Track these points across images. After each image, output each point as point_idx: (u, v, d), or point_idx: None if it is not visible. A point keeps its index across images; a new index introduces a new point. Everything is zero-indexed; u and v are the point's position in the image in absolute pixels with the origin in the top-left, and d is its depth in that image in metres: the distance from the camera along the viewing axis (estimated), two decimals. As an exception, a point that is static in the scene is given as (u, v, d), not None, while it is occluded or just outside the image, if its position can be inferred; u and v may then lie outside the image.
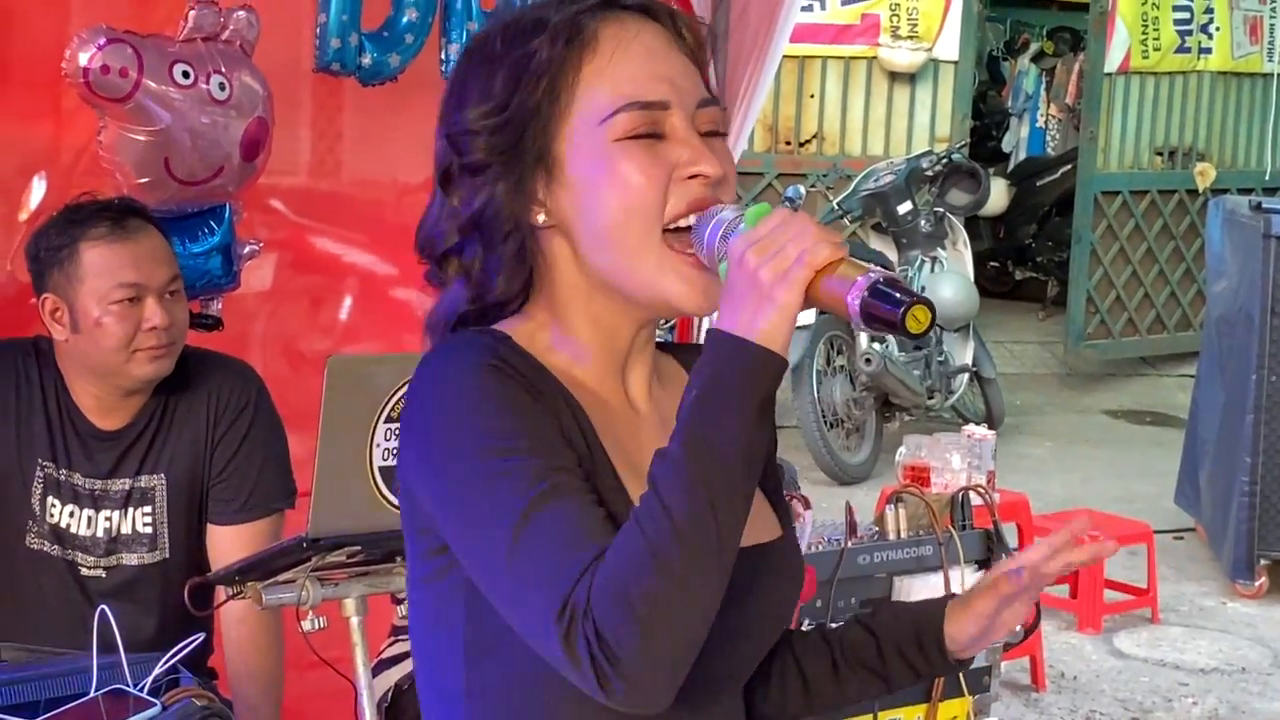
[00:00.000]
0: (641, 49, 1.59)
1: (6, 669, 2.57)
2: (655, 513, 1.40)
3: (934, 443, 5.04)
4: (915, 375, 8.45)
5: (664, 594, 1.39)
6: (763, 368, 1.42)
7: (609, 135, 1.56)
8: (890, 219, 9.04)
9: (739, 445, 1.41)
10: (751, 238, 1.45)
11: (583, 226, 1.58)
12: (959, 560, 3.16)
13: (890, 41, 11.11)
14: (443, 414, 1.51)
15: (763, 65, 4.72)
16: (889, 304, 1.41)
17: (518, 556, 1.44)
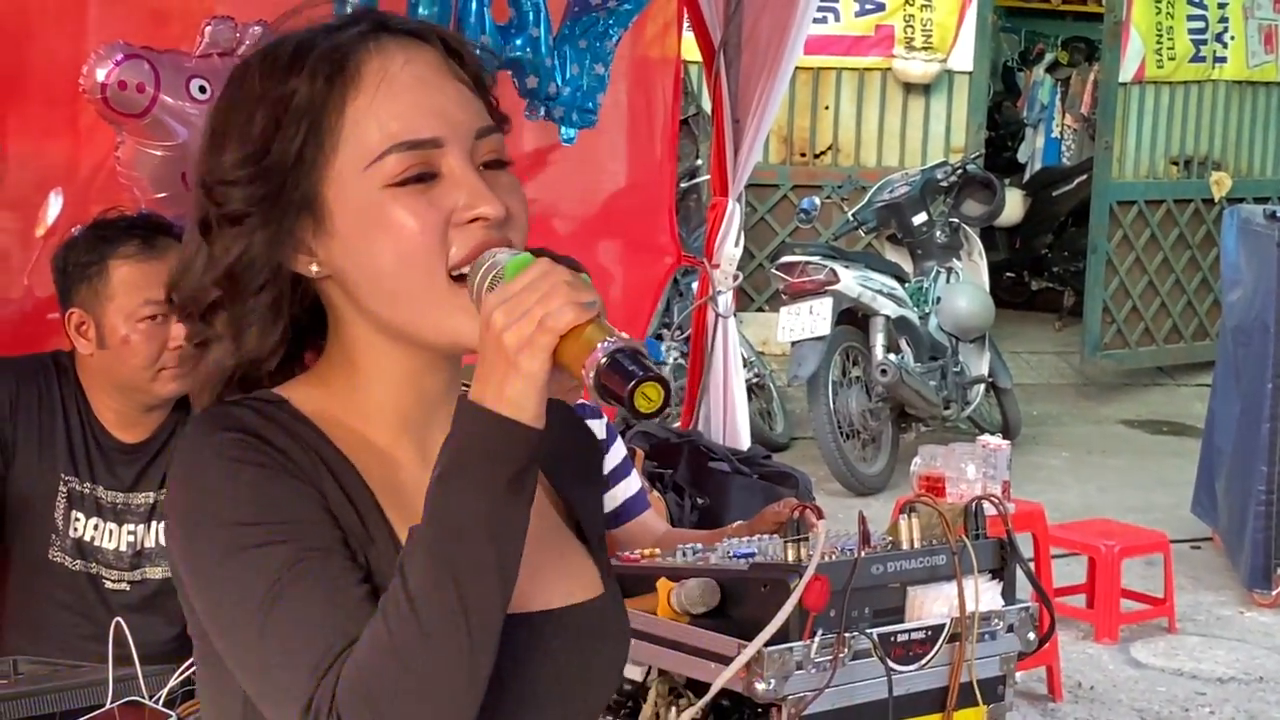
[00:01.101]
0: (409, 81, 1.47)
1: (24, 681, 2.58)
2: (400, 602, 1.33)
3: (949, 453, 5.05)
4: (931, 386, 8.44)
5: (410, 689, 1.32)
6: (509, 441, 1.34)
7: (378, 180, 1.45)
8: (905, 230, 9.03)
9: (487, 525, 1.33)
10: (502, 296, 1.36)
11: (358, 277, 1.47)
12: (973, 570, 3.15)
13: (905, 53, 11.12)
14: (190, 502, 1.43)
15: (775, 78, 4.74)
16: (621, 378, 1.32)
17: (263, 651, 1.38)
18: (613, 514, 3.94)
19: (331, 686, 1.33)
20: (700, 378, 4.94)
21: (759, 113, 4.78)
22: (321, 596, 1.37)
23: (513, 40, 4.13)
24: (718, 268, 4.88)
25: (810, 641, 2.94)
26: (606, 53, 4.32)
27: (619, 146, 4.91)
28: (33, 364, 3.14)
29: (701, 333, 4.96)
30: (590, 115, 4.33)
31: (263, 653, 1.38)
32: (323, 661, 1.35)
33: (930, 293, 8.79)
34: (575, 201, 5.01)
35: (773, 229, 10.99)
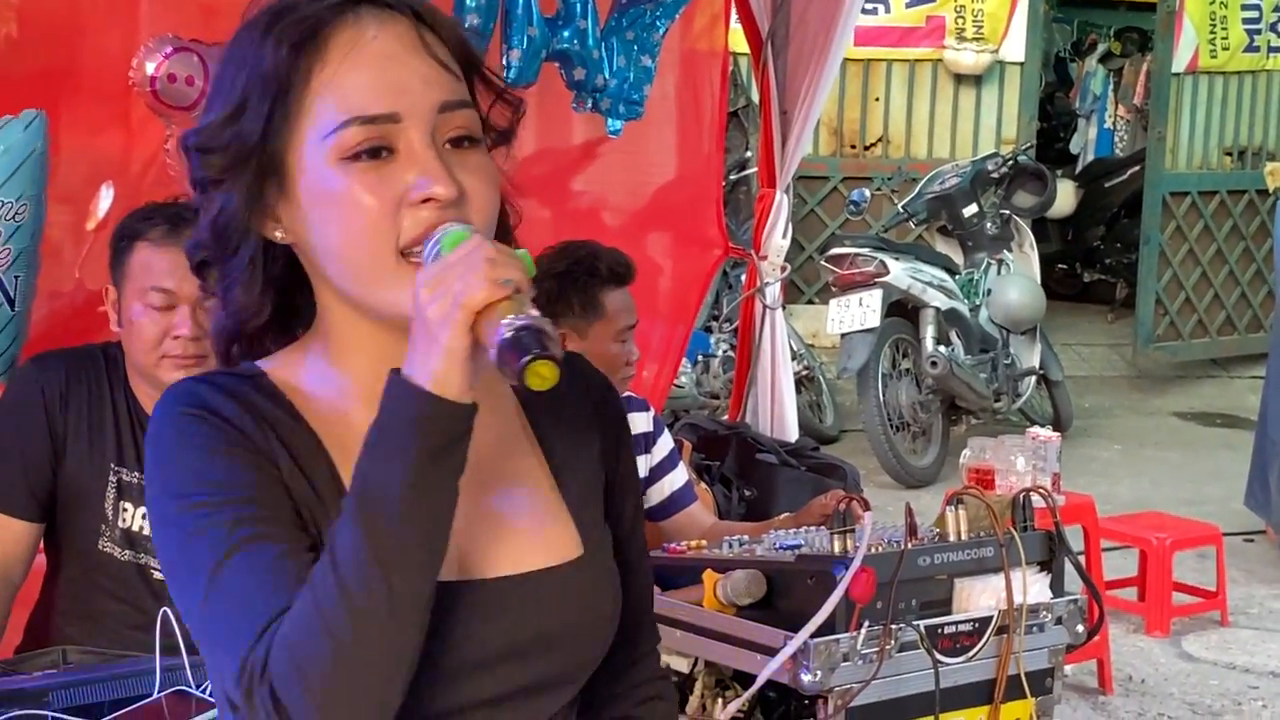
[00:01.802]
0: (374, 55, 1.47)
1: (72, 671, 2.61)
2: (325, 573, 1.35)
3: (998, 445, 5.02)
4: (982, 378, 8.39)
5: (334, 658, 1.34)
6: (432, 414, 1.35)
7: (334, 153, 1.46)
8: (956, 222, 8.98)
9: (410, 496, 1.34)
10: (430, 272, 1.38)
11: (315, 246, 1.50)
12: (1020, 562, 3.14)
13: (955, 43, 11.06)
14: (151, 476, 1.49)
15: (822, 70, 4.72)
16: (517, 354, 1.33)
17: (206, 613, 1.42)
18: (660, 506, 3.94)
19: (264, 653, 1.37)
20: (748, 370, 4.92)
21: (807, 104, 4.76)
22: (261, 566, 1.41)
23: (560, 32, 4.13)
24: (765, 260, 4.86)
25: (857, 633, 2.93)
26: (653, 44, 4.32)
27: (667, 139, 4.91)
28: (82, 355, 3.16)
29: (749, 325, 4.94)
30: (637, 107, 4.33)
31: (205, 621, 1.42)
32: (256, 629, 1.38)
33: (981, 284, 8.74)
34: (624, 194, 5.01)
35: (822, 221, 10.96)
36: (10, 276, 3.14)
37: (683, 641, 3.15)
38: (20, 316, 3.20)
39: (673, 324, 5.06)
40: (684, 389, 8.14)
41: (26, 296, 3.21)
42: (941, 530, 3.17)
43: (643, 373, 4.97)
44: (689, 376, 8.18)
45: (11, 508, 3.07)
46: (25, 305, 3.21)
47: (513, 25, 4.01)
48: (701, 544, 3.37)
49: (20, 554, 3.09)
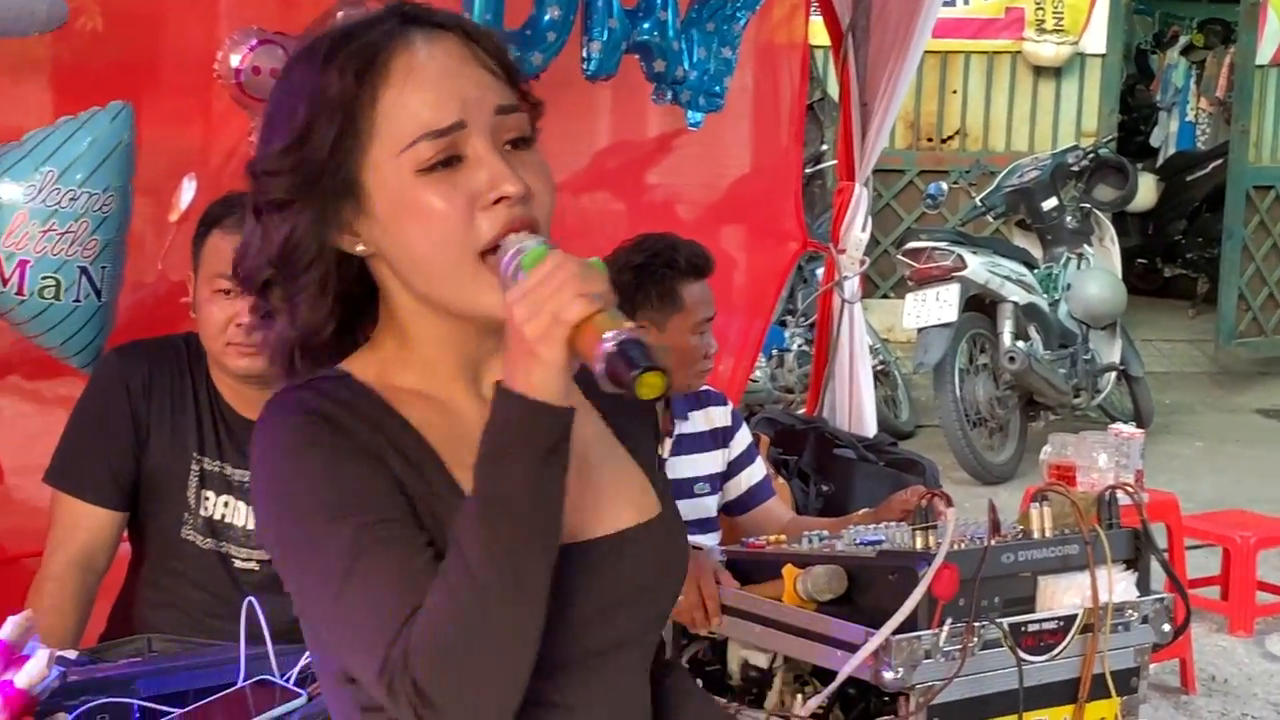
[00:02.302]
0: (434, 71, 1.58)
1: (157, 659, 2.62)
2: (458, 569, 1.47)
3: (1080, 441, 4.95)
4: (1061, 374, 8.32)
5: (472, 646, 1.46)
6: (539, 421, 1.47)
7: (409, 166, 1.57)
8: (1035, 215, 8.91)
9: (528, 495, 1.47)
10: (521, 290, 1.48)
11: (396, 256, 1.61)
12: (1106, 560, 3.09)
13: (1035, 35, 10.98)
14: (268, 486, 1.57)
15: (903, 62, 4.69)
16: (628, 365, 1.44)
17: (340, 619, 1.52)
18: (738, 500, 3.93)
19: (404, 648, 1.46)
20: (825, 364, 4.89)
21: (887, 96, 4.73)
22: (389, 568, 1.50)
23: (640, 24, 4.11)
24: (844, 253, 4.83)
25: (939, 630, 2.89)
26: (734, 36, 4.30)
27: (745, 132, 4.88)
28: (164, 345, 3.18)
29: (827, 319, 4.91)
30: (717, 99, 4.31)
31: (339, 622, 1.52)
32: (392, 627, 1.48)
33: (1060, 279, 8.66)
34: (700, 187, 4.99)
35: (899, 214, 10.90)
36: (97, 267, 3.16)
37: (762, 637, 3.13)
38: (107, 307, 3.22)
39: (749, 318, 5.03)
40: (758, 383, 8.11)
41: (113, 287, 3.23)
42: (1026, 527, 3.13)
43: (719, 366, 4.95)
44: (763, 371, 8.15)
45: (95, 496, 3.10)
46: (112, 296, 3.23)
47: (593, 17, 4.00)
48: (781, 539, 3.35)
49: (104, 543, 3.11)
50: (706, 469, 3.89)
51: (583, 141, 4.69)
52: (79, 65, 3.62)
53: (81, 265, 3.13)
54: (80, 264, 3.13)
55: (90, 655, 2.66)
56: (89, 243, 3.13)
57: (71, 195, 3.10)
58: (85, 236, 3.12)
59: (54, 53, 3.53)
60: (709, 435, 3.91)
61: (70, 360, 3.26)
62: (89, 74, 3.62)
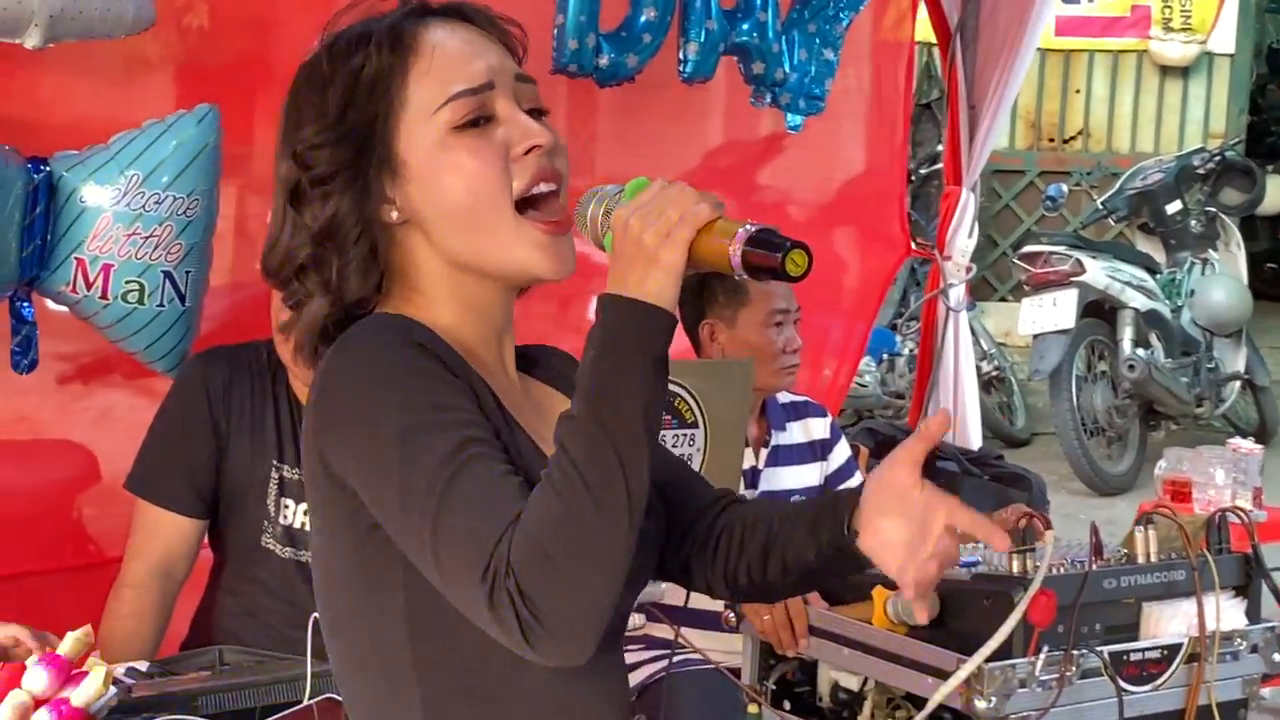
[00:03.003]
0: (459, 43, 1.68)
1: (227, 674, 2.58)
2: (566, 470, 1.47)
3: (1196, 456, 4.80)
4: (1183, 383, 8.13)
5: (580, 547, 1.46)
6: (655, 324, 1.51)
7: (443, 126, 1.65)
8: (1158, 219, 8.72)
9: (639, 398, 1.49)
10: (634, 206, 1.54)
11: (433, 214, 1.66)
12: (1214, 586, 2.96)
13: (1162, 34, 10.76)
14: (366, 389, 1.56)
15: (1015, 61, 4.56)
16: (768, 249, 1.49)
17: (441, 521, 1.50)
18: (835, 515, 3.82)
19: (506, 551, 1.46)
20: (930, 373, 4.77)
21: (996, 98, 4.60)
22: (494, 475, 1.51)
23: (739, 25, 4.02)
24: (949, 260, 4.71)
25: (1035, 658, 2.79)
26: (836, 37, 4.19)
27: (849, 134, 4.78)
28: (245, 351, 3.15)
29: (932, 326, 4.80)
30: (818, 102, 4.20)
31: (441, 527, 1.50)
32: (495, 531, 1.48)
33: (1183, 285, 8.48)
34: (806, 189, 4.91)
35: (1018, 217, 10.73)
36: (181, 272, 3.13)
37: (850, 660, 3.04)
38: (191, 311, 3.19)
39: (852, 321, 4.93)
40: (868, 388, 8.00)
41: (198, 292, 3.20)
42: (1129, 551, 3.01)
43: (823, 371, 4.86)
44: (874, 376, 8.05)
45: (175, 504, 3.07)
46: (196, 300, 3.20)
47: (690, 18, 3.92)
48: (874, 557, 3.24)
49: (183, 550, 3.09)
50: (803, 482, 3.79)
51: (694, 143, 4.63)
52: (191, 63, 3.62)
53: (166, 270, 3.11)
54: (164, 268, 3.10)
55: (161, 667, 2.63)
56: (173, 247, 3.10)
57: (156, 199, 3.07)
58: (169, 240, 3.09)
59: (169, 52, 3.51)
60: (807, 447, 3.82)
61: (154, 365, 3.24)
62: (196, 72, 3.61)
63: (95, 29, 2.97)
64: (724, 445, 2.94)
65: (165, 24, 3.35)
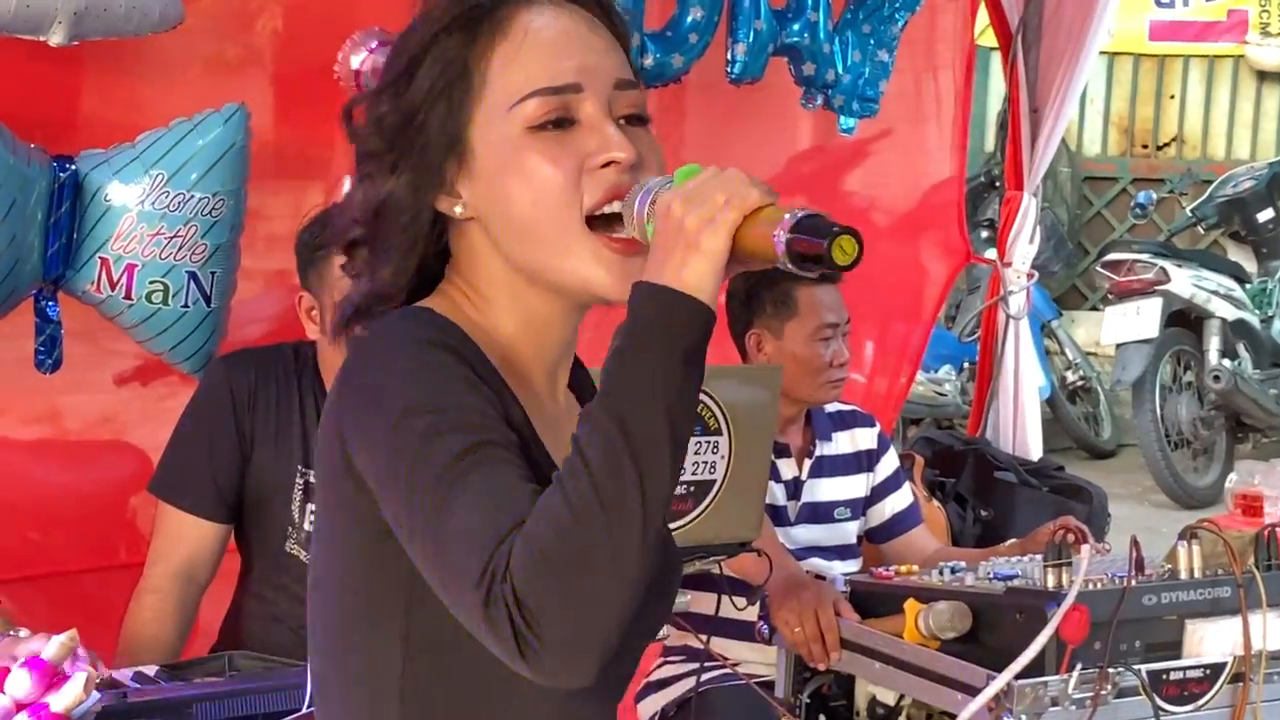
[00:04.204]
0: (554, 33, 1.53)
1: (236, 679, 2.55)
2: (576, 470, 1.35)
3: (1269, 470, 4.65)
4: (1271, 395, 7.95)
5: (585, 557, 1.33)
6: (687, 316, 1.38)
7: (518, 123, 1.51)
8: (1249, 227, 8.55)
9: (663, 396, 1.36)
10: (680, 191, 1.42)
11: (497, 219, 1.53)
12: (1261, 604, 2.85)
13: (1259, 39, 10.55)
14: (386, 380, 1.46)
15: (1078, 63, 4.45)
16: (814, 236, 1.36)
17: (443, 518, 1.39)
18: (881, 527, 3.75)
19: (506, 556, 1.35)
20: (989, 382, 4.67)
21: (1059, 101, 4.48)
22: (503, 478, 1.40)
23: (789, 25, 3.94)
24: (1010, 266, 4.60)
25: (1068, 676, 2.70)
26: (891, 38, 4.10)
27: (906, 137, 4.68)
28: (272, 355, 3.12)
29: (991, 334, 4.69)
30: (871, 104, 4.11)
31: (442, 524, 1.39)
32: (497, 535, 1.36)
33: (1274, 294, 8.33)
34: (860, 193, 4.82)
35: (1110, 224, 10.55)
36: (207, 272, 3.10)
37: (882, 674, 2.96)
38: (217, 313, 3.16)
39: (909, 329, 4.84)
40: (947, 397, 7.89)
41: (224, 293, 3.18)
42: (1173, 566, 2.90)
43: (875, 378, 4.78)
44: (953, 385, 7.94)
45: (199, 509, 3.05)
46: (222, 301, 3.17)
47: (738, 18, 3.84)
48: (911, 569, 3.16)
49: (207, 555, 3.07)
50: (848, 493, 3.70)
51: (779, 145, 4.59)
52: (262, 62, 3.62)
53: (190, 270, 3.08)
54: (189, 269, 3.08)
55: (169, 672, 2.60)
56: (198, 247, 3.07)
57: (181, 198, 3.04)
58: (194, 241, 3.06)
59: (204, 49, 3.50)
60: (853, 458, 3.73)
61: (180, 366, 3.22)
62: (233, 71, 3.59)
63: (121, 27, 2.95)
64: (749, 454, 2.86)
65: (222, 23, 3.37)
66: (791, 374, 3.44)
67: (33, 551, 3.49)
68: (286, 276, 3.27)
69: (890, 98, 4.19)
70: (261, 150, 3.30)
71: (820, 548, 3.62)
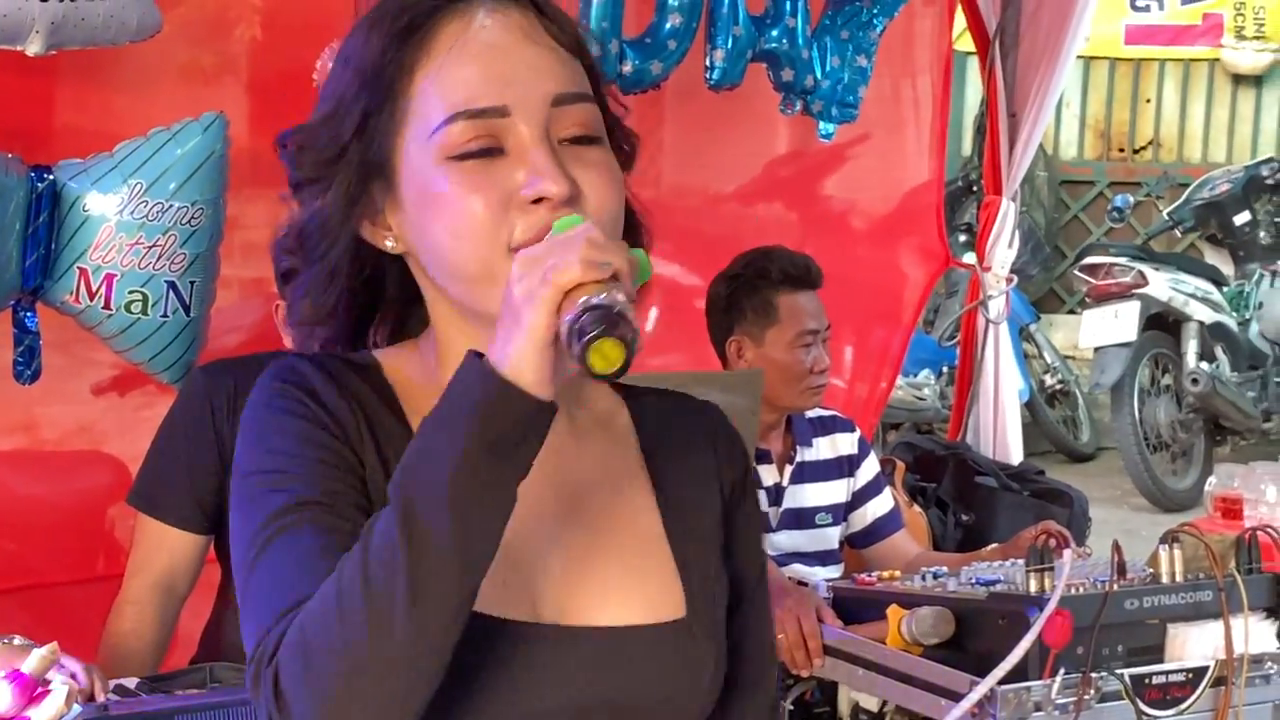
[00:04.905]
0: (482, 45, 1.35)
1: (219, 691, 2.54)
2: (354, 560, 1.22)
3: (1248, 473, 4.68)
4: (1249, 397, 7.97)
5: (341, 653, 1.21)
6: (498, 401, 1.21)
7: (439, 152, 1.34)
8: (1226, 230, 8.57)
9: (455, 488, 1.20)
10: (529, 251, 1.25)
11: (423, 252, 1.39)
12: (1242, 607, 2.86)
13: (1234, 42, 10.57)
14: (241, 438, 1.40)
15: (1054, 67, 4.46)
16: (580, 334, 1.19)
17: (247, 587, 1.32)
18: (861, 533, 3.75)
19: (280, 634, 1.25)
20: (969, 386, 4.67)
21: (1037, 106, 4.49)
22: (304, 549, 1.30)
23: (768, 31, 3.94)
24: (989, 270, 4.60)
25: (1051, 681, 2.71)
26: (870, 44, 4.10)
27: (884, 142, 4.69)
28: (251, 364, 3.09)
29: (971, 339, 4.70)
30: (851, 110, 4.11)
31: (246, 593, 1.33)
32: (279, 609, 1.27)
33: (1252, 297, 8.34)
34: (839, 198, 4.83)
35: (1087, 228, 10.57)
36: (186, 282, 3.09)
37: (864, 680, 2.97)
38: (196, 322, 3.15)
39: (888, 334, 4.85)
40: (926, 401, 7.90)
41: (203, 302, 3.16)
42: (1154, 570, 2.91)
43: (857, 383, 4.78)
44: (932, 389, 7.94)
45: (178, 520, 3.03)
46: (201, 310, 3.16)
47: (717, 24, 3.84)
48: (894, 574, 3.17)
49: (186, 566, 3.05)
50: (829, 498, 3.70)
51: (758, 151, 4.60)
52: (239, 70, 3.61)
53: (169, 280, 3.06)
54: (168, 278, 3.06)
55: (149, 684, 2.58)
56: (177, 257, 3.05)
57: (160, 208, 3.03)
58: (173, 250, 3.05)
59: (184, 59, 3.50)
60: (834, 463, 3.73)
61: (160, 376, 3.20)
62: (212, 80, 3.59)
63: (99, 36, 2.93)
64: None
65: (200, 32, 3.36)
66: (772, 380, 3.45)
67: (10, 563, 3.47)
68: (264, 284, 3.26)
69: (868, 103, 4.19)
70: (239, 158, 3.30)
71: (802, 553, 3.62)
